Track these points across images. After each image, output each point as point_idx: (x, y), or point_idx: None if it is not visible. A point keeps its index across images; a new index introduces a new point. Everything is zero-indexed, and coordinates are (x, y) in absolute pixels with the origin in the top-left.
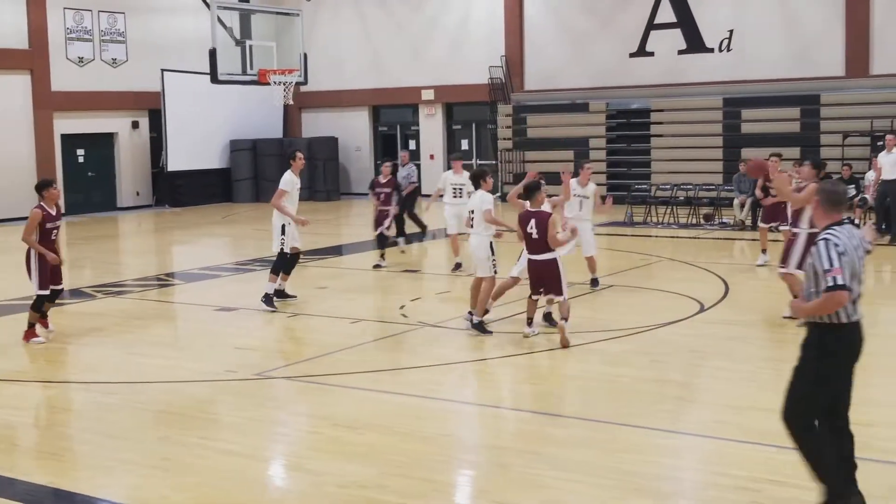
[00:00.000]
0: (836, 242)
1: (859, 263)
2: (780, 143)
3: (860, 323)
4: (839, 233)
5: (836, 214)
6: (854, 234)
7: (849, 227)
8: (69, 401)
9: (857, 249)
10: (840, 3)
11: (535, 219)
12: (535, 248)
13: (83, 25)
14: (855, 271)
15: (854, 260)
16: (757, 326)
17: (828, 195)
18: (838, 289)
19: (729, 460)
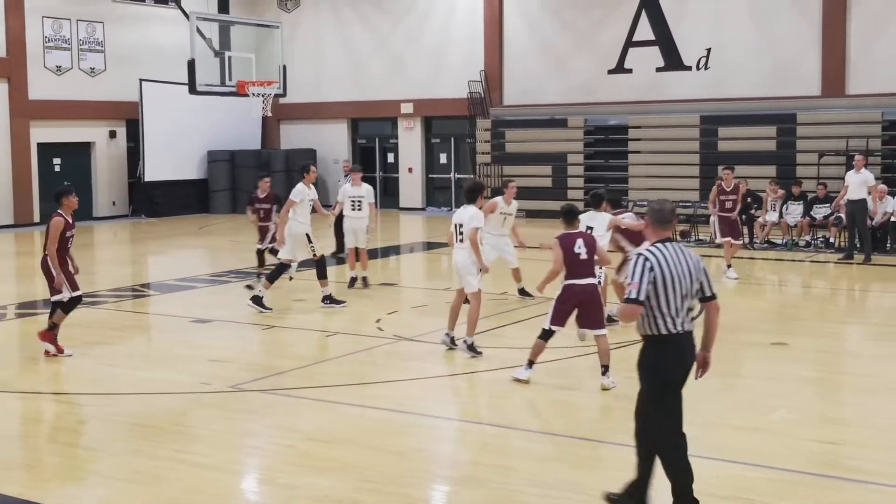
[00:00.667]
0: (647, 258)
1: (685, 280)
2: (757, 162)
3: (685, 336)
4: (657, 250)
5: (663, 232)
6: (680, 252)
7: (674, 246)
8: (41, 412)
9: (681, 266)
10: (817, 23)
11: (583, 239)
12: (581, 271)
13: (61, 34)
14: (676, 287)
15: (672, 276)
16: (727, 344)
17: (655, 214)
18: (631, 302)
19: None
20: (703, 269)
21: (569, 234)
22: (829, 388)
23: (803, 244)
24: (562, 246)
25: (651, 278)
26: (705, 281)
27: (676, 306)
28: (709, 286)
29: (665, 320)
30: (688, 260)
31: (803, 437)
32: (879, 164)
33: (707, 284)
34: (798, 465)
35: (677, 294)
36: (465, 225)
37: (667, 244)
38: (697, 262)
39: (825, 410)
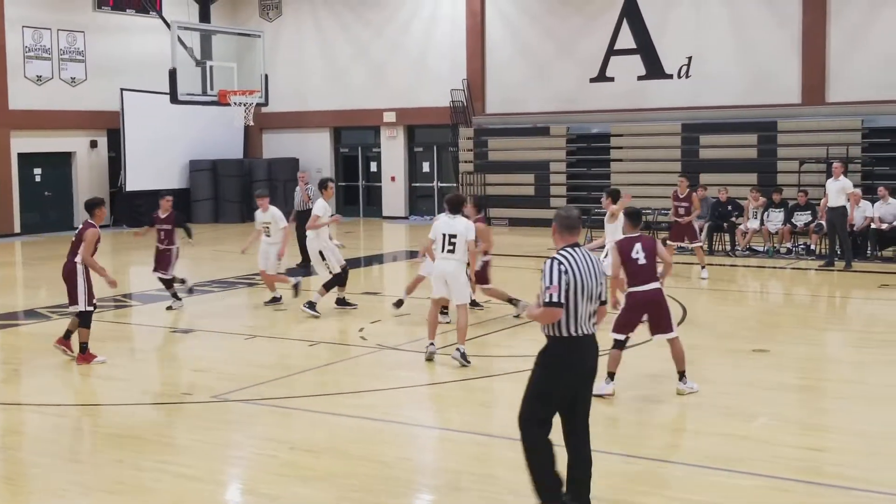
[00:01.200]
0: (560, 262)
1: (591, 284)
2: (738, 169)
3: (588, 338)
4: (569, 255)
5: (570, 237)
6: (587, 257)
7: (581, 251)
8: (22, 423)
9: (589, 271)
10: (797, 31)
11: (641, 243)
12: (643, 277)
13: (42, 44)
14: (584, 291)
15: (582, 280)
16: (713, 351)
17: (562, 221)
18: (552, 305)
19: (684, 485)
20: (602, 273)
21: (629, 239)
22: (810, 394)
23: (784, 251)
24: (619, 252)
25: (566, 281)
26: (603, 286)
27: (583, 309)
28: (604, 291)
29: (570, 322)
30: (594, 265)
31: (785, 444)
32: (860, 171)
33: (603, 289)
34: (780, 471)
35: (585, 297)
36: (461, 236)
37: (575, 249)
38: (599, 268)
39: (807, 417)
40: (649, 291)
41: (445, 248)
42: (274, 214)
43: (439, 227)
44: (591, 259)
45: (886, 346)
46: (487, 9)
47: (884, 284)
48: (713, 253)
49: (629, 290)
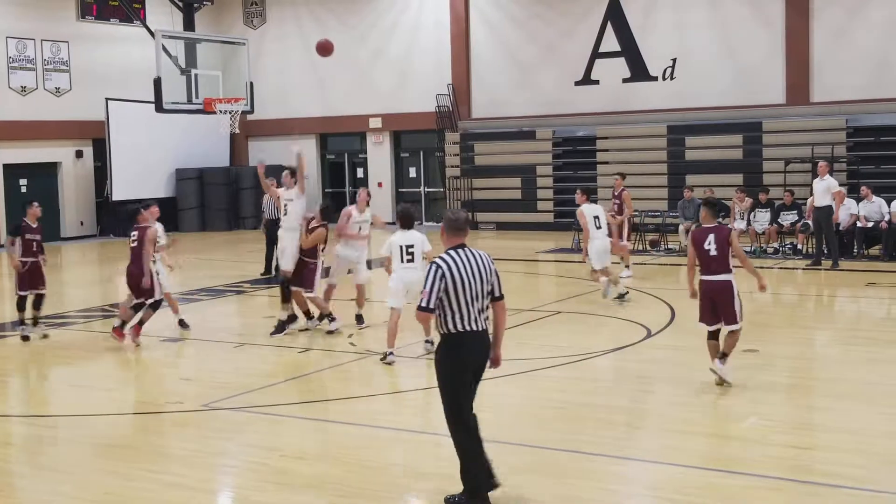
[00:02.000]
0: (439, 266)
1: (474, 283)
2: (724, 170)
3: (475, 334)
4: (449, 257)
5: (456, 239)
6: (471, 257)
7: (466, 251)
8: (10, 434)
9: (472, 270)
10: (780, 32)
11: (714, 234)
12: (713, 267)
13: (26, 54)
14: (466, 290)
15: (462, 280)
16: (703, 352)
17: (449, 223)
18: (421, 309)
19: (676, 485)
20: (494, 271)
21: (703, 230)
22: (800, 393)
23: (771, 251)
24: (693, 242)
25: (442, 286)
26: (496, 282)
27: (467, 306)
28: (498, 287)
29: (456, 319)
30: (479, 263)
31: (776, 443)
32: (845, 170)
33: (497, 285)
34: (771, 470)
35: (467, 295)
36: (419, 247)
37: (458, 250)
38: (488, 264)
39: (797, 416)
40: (718, 282)
41: (404, 258)
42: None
43: (395, 240)
44: (478, 258)
45: (875, 344)
46: (472, 13)
47: (871, 283)
48: None
49: (701, 279)
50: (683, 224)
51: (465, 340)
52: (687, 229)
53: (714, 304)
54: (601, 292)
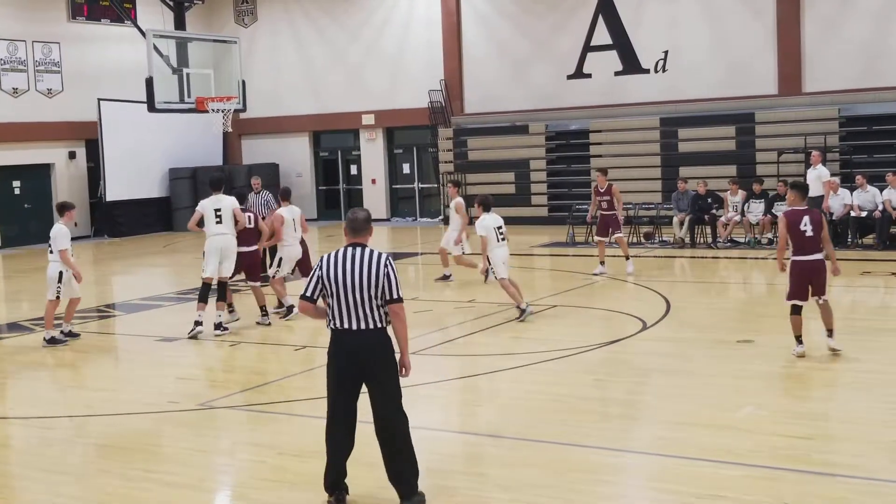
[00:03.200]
0: (320, 260)
1: (356, 283)
2: (717, 161)
3: (351, 332)
4: (332, 254)
5: (352, 238)
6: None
7: (353, 251)
8: (7, 436)
9: (353, 270)
10: (772, 23)
11: (809, 216)
12: (809, 247)
13: (17, 56)
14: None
15: (336, 278)
16: (698, 343)
17: (347, 222)
18: (300, 297)
19: (673, 477)
20: (383, 273)
21: (797, 211)
22: (796, 383)
23: (765, 242)
24: (788, 223)
25: (317, 279)
26: (386, 285)
27: (344, 305)
28: (391, 290)
29: (333, 315)
30: (364, 264)
31: (772, 433)
32: (838, 160)
33: (388, 288)
34: (768, 460)
35: (343, 294)
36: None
37: (348, 248)
38: (376, 266)
39: (793, 405)
40: (815, 261)
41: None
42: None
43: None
44: (364, 259)
45: (870, 332)
46: (463, 9)
47: (866, 272)
48: (695, 245)
49: (794, 259)
50: (677, 216)
51: (338, 338)
52: (681, 221)
53: (809, 283)
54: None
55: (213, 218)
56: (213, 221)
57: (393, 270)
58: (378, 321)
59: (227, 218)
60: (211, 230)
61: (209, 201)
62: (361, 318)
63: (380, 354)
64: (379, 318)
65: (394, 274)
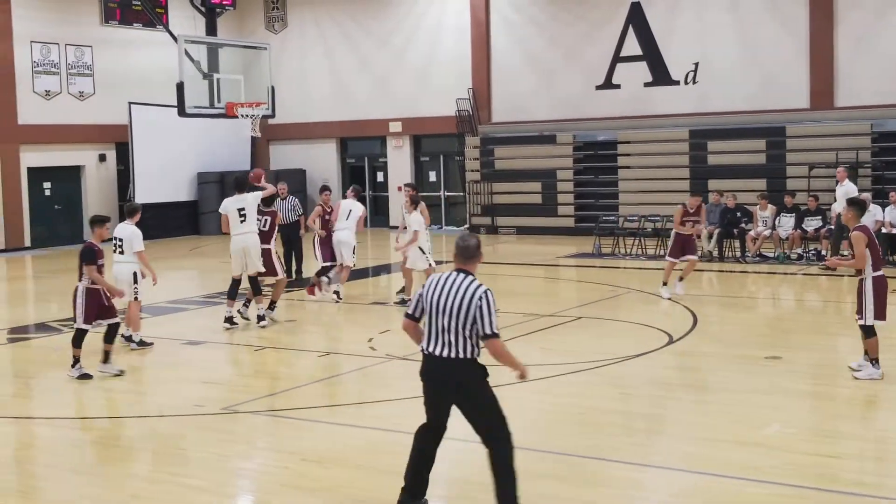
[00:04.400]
0: (425, 282)
1: (446, 310)
2: (746, 175)
3: (435, 358)
4: (437, 278)
5: (458, 263)
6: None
7: (455, 277)
8: (35, 436)
9: (449, 297)
10: (804, 36)
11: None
12: (880, 263)
13: (50, 59)
14: (434, 313)
15: (436, 303)
16: (725, 358)
17: (456, 247)
18: (405, 315)
19: (698, 493)
20: (475, 307)
21: (867, 227)
22: (824, 401)
23: (795, 257)
24: (871, 238)
25: (419, 297)
26: (479, 318)
27: (434, 330)
28: (482, 324)
29: (425, 339)
30: (460, 292)
31: (800, 451)
32: (869, 175)
33: (481, 322)
34: (795, 479)
35: (436, 318)
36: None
37: (452, 274)
38: (472, 298)
39: (821, 424)
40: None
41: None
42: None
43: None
44: (461, 290)
45: None
46: (492, 17)
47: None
48: (724, 259)
49: (875, 275)
50: (707, 228)
51: (425, 361)
52: (710, 234)
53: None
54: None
55: (237, 217)
56: (237, 221)
57: (488, 305)
58: (463, 351)
59: (250, 216)
60: (234, 230)
61: (231, 201)
62: (447, 345)
63: (462, 384)
64: (464, 349)
65: (487, 308)
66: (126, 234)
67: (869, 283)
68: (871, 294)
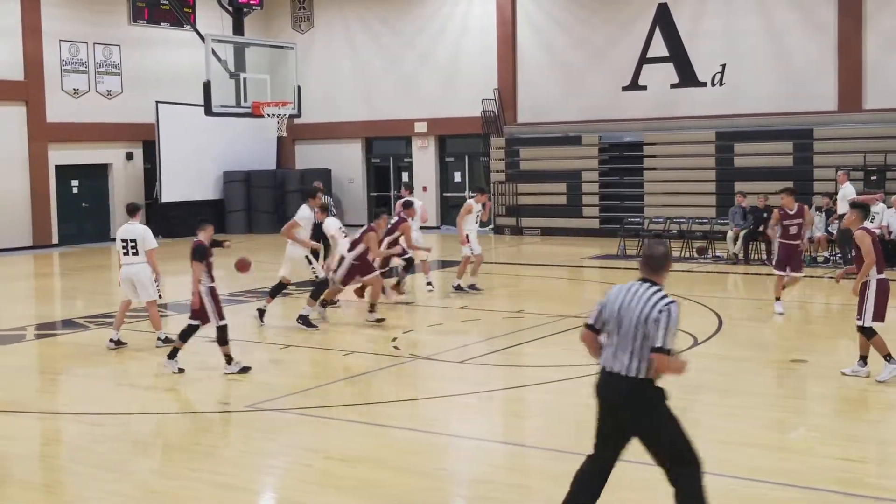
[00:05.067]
0: (609, 291)
1: (625, 322)
2: (773, 177)
3: (606, 373)
4: (619, 287)
5: (645, 272)
6: (641, 296)
7: (639, 287)
8: (60, 432)
9: (630, 309)
10: (833, 37)
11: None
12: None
13: (78, 57)
14: (616, 326)
15: (613, 314)
16: (750, 361)
17: (642, 257)
18: (585, 326)
19: (723, 496)
20: (655, 319)
21: (870, 229)
22: (849, 405)
23: (822, 260)
24: (874, 242)
25: (601, 307)
26: (654, 330)
27: (612, 343)
28: (656, 335)
29: (603, 353)
30: (641, 302)
31: (825, 455)
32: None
33: (655, 333)
34: (821, 483)
35: (615, 330)
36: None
37: (636, 283)
38: (654, 308)
39: (847, 428)
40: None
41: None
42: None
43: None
44: (642, 300)
45: None
46: (518, 18)
47: None
48: (749, 261)
49: (880, 278)
50: (732, 230)
51: (599, 377)
52: (735, 236)
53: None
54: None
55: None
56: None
57: (668, 318)
58: (640, 371)
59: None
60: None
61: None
62: (623, 361)
63: (636, 407)
64: (639, 369)
65: (667, 322)
66: (138, 233)
67: (873, 285)
68: (874, 296)
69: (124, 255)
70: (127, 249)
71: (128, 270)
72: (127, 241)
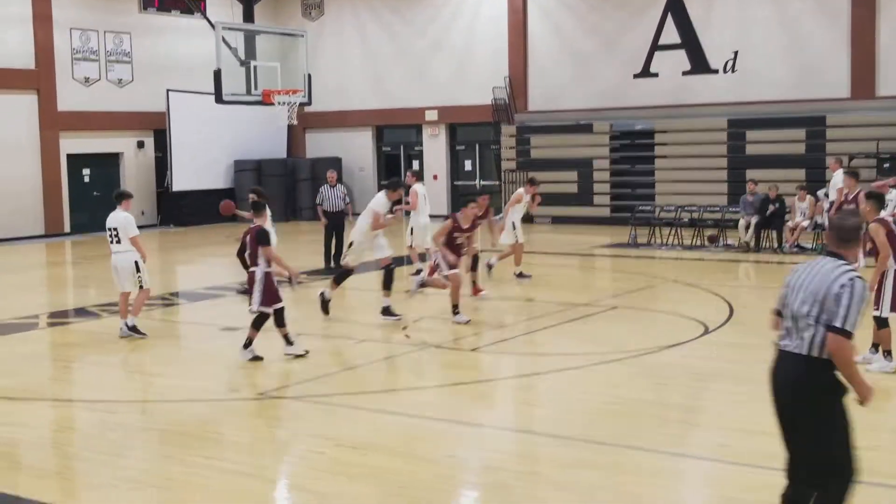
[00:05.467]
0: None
1: (798, 293)
2: (786, 165)
3: (784, 355)
4: (809, 262)
5: (834, 245)
6: (819, 271)
7: (823, 262)
8: (73, 419)
9: (805, 282)
10: (846, 24)
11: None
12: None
13: (89, 46)
14: (788, 300)
15: (791, 288)
16: (762, 349)
17: (832, 230)
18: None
19: (733, 484)
20: (836, 294)
21: (885, 219)
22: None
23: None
24: (889, 233)
25: (783, 290)
26: (833, 306)
27: (787, 318)
28: (835, 314)
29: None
30: (821, 275)
31: None
32: None
33: (834, 311)
34: None
35: (790, 304)
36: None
37: (821, 258)
38: (834, 282)
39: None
40: None
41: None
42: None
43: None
44: (821, 274)
45: None
46: (529, 6)
47: None
48: (760, 250)
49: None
50: (744, 218)
51: (776, 357)
52: (747, 224)
53: None
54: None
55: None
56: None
57: (850, 294)
58: (813, 349)
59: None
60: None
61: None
62: (795, 338)
63: (798, 391)
64: (813, 346)
65: (849, 298)
66: (119, 221)
67: (891, 275)
68: (892, 286)
69: (110, 244)
70: (112, 238)
71: (113, 259)
72: (111, 230)
